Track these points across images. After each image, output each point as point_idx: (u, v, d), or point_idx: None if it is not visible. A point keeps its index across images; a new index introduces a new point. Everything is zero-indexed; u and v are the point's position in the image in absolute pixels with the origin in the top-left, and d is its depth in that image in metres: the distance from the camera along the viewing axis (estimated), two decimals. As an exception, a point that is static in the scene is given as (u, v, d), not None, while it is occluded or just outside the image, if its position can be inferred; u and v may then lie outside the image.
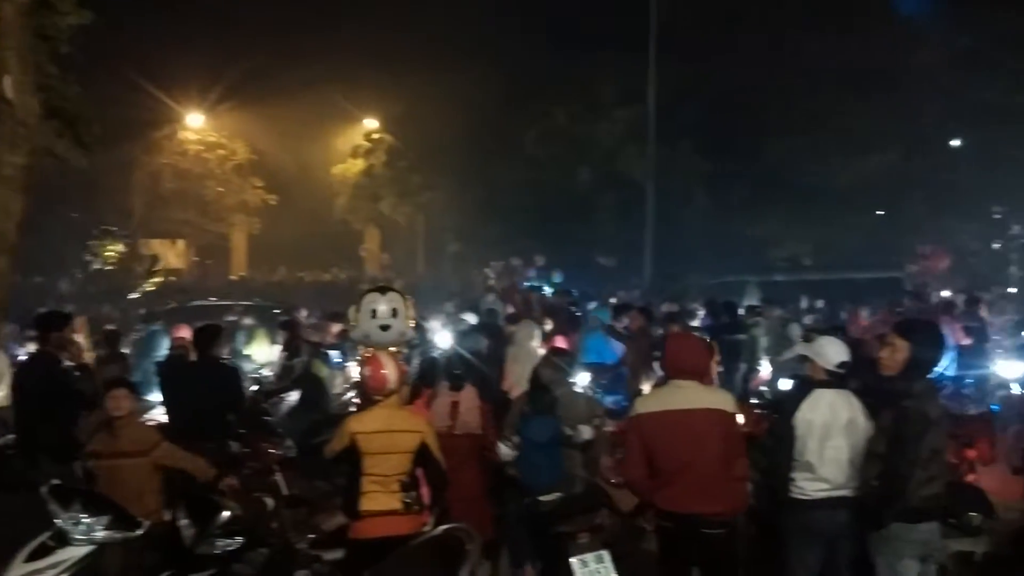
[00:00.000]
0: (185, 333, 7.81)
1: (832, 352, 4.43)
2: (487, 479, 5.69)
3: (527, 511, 5.36)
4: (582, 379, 6.49)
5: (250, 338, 11.35)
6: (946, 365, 10.37)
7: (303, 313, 13.35)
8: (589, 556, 4.81)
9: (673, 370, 4.42)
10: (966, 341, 10.85)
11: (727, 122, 21.88)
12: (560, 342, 6.97)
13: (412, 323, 5.90)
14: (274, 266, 27.40)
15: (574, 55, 22.10)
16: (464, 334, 9.12)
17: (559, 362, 5.57)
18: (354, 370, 7.92)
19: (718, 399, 4.40)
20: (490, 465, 5.70)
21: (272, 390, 8.53)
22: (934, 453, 4.02)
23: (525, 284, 17.47)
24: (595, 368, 9.24)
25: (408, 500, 4.45)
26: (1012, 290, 18.41)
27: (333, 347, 9.72)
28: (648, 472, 4.29)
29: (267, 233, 27.20)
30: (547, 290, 16.53)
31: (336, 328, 10.20)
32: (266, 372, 9.96)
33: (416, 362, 7.08)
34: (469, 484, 5.32)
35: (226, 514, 4.35)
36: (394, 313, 5.35)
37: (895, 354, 4.07)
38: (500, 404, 6.51)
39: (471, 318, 11.05)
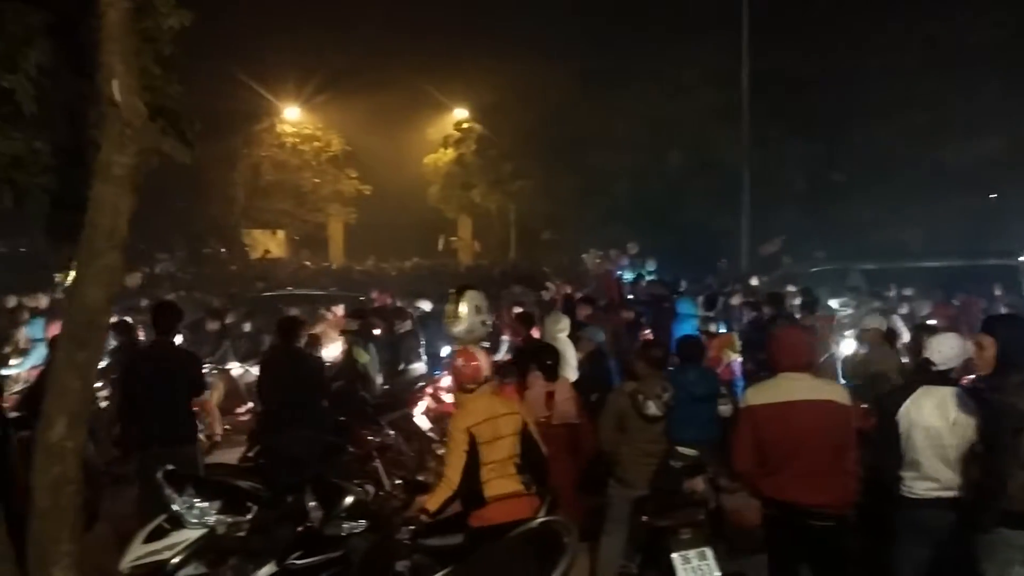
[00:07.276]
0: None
1: (946, 349, 4.29)
2: (577, 471, 5.65)
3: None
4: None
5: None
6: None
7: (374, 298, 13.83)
8: (691, 552, 4.69)
9: (784, 364, 4.42)
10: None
11: (820, 105, 21.19)
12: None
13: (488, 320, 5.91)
14: (371, 255, 27.96)
15: (659, 37, 21.72)
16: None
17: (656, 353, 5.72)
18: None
19: (831, 391, 4.41)
20: (586, 456, 5.71)
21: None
22: None
23: (617, 273, 17.21)
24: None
25: (526, 481, 4.57)
26: None
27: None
28: (758, 462, 4.33)
29: (363, 222, 27.77)
30: (627, 277, 16.27)
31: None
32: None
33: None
34: (560, 474, 5.26)
35: (350, 499, 4.49)
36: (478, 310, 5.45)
37: (984, 352, 4.01)
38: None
39: None
